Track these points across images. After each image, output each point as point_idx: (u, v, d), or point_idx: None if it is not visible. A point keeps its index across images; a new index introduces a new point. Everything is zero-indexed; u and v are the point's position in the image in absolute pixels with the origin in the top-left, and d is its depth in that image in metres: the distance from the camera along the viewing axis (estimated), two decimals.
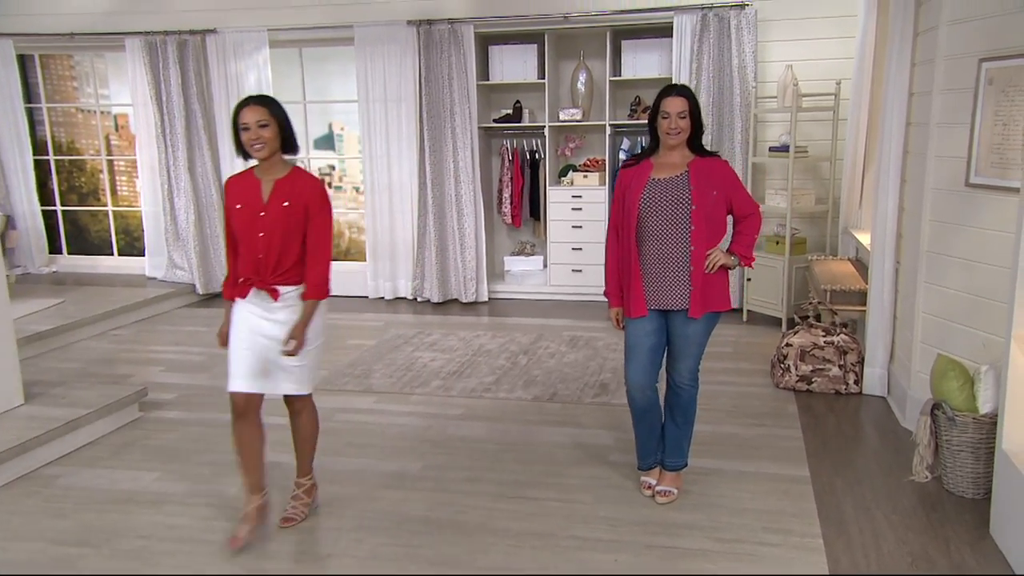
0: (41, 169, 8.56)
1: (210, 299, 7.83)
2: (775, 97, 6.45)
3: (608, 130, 7.20)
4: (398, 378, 5.27)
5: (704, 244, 3.25)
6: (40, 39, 7.95)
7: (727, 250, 3.34)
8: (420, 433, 4.33)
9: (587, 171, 7.31)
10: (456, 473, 3.81)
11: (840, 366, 4.78)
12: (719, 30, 6.59)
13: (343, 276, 7.94)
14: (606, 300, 3.53)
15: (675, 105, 3.25)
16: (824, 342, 4.80)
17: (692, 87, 6.64)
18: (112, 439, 4.30)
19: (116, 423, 4.45)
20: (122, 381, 5.26)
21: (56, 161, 8.60)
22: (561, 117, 7.27)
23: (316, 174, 4.45)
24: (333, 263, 3.21)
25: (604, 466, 3.85)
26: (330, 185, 8.65)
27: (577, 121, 7.25)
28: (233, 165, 7.60)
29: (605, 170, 7.29)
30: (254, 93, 7.40)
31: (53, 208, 8.69)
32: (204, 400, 4.93)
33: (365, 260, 7.83)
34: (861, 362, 4.78)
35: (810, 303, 5.16)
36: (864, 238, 5.62)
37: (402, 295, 7.73)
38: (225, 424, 4.49)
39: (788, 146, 6.15)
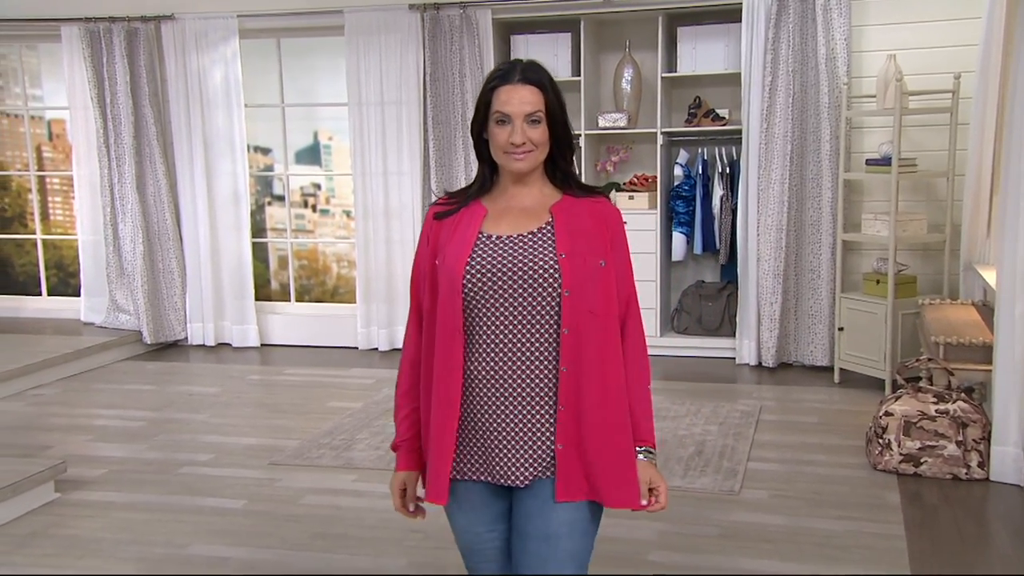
0: None
1: (160, 350, 7.86)
2: (874, 96, 6.38)
3: (660, 139, 7.17)
4: (387, 450, 5.22)
5: (585, 363, 2.22)
6: None
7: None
8: (408, 521, 4.19)
9: (633, 191, 7.29)
10: (450, 572, 3.72)
11: (958, 443, 4.64)
12: (801, 12, 6.56)
13: (327, 322, 7.96)
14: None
15: (519, 99, 2.19)
16: (936, 411, 4.67)
17: (767, 84, 6.62)
18: (16, 528, 4.26)
19: (23, 507, 4.41)
20: (37, 454, 5.25)
21: None
22: (601, 123, 7.28)
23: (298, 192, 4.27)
24: (316, 305, 2.81)
25: (637, 566, 3.76)
26: (314, 208, 8.72)
27: (621, 128, 7.24)
28: (194, 183, 7.68)
29: (656, 190, 7.25)
30: (219, 93, 7.68)
31: None
32: (139, 477, 4.91)
33: (355, 302, 7.83)
34: (987, 438, 4.64)
35: (918, 360, 5.05)
36: (991, 276, 5.51)
37: (399, 346, 7.67)
38: (162, 508, 4.46)
39: (891, 158, 6.07)
